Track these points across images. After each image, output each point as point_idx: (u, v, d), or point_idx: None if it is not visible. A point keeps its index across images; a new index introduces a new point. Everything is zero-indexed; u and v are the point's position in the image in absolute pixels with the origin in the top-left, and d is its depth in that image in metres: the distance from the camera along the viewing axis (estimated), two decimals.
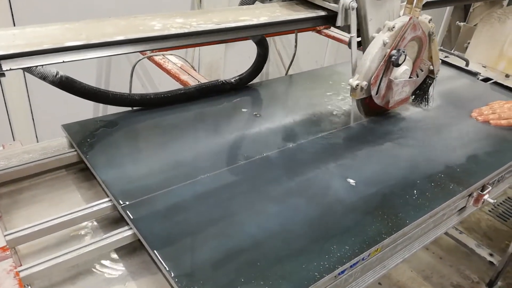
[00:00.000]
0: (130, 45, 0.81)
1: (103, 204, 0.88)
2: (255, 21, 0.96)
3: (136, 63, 1.84)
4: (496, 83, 1.67)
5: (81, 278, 0.79)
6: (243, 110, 1.28)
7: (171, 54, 1.70)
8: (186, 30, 0.87)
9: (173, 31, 0.85)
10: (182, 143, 1.09)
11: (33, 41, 0.71)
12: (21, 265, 0.75)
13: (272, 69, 2.98)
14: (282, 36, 2.83)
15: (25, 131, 2.03)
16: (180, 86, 1.53)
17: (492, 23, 1.91)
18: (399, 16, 1.19)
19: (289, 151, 1.10)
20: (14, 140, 1.99)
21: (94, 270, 0.80)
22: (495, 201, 1.18)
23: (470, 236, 2.35)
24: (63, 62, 0.74)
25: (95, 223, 0.90)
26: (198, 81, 1.50)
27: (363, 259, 0.85)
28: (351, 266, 0.83)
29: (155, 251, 0.76)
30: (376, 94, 1.21)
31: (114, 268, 0.81)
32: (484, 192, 1.15)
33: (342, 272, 0.82)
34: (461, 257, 2.35)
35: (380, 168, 1.08)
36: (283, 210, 0.90)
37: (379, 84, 1.20)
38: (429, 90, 1.37)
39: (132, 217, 0.83)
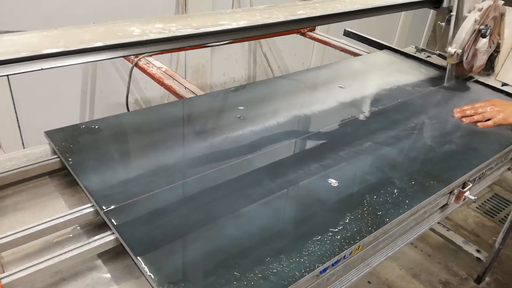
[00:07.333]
0: (108, 51, 0.82)
1: (86, 209, 0.89)
2: (234, 25, 0.97)
3: (132, 68, 1.83)
4: (477, 81, 1.70)
5: (64, 283, 0.79)
6: (230, 111, 1.29)
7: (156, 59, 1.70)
8: (165, 35, 0.87)
9: (151, 36, 0.86)
10: (164, 147, 1.10)
11: (10, 49, 0.72)
12: (3, 272, 0.76)
13: (260, 72, 3.00)
14: (268, 39, 2.84)
15: (11, 138, 2.02)
16: (165, 91, 1.54)
17: None
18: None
19: (270, 153, 1.11)
20: (0, 147, 1.98)
21: (77, 275, 0.81)
22: (476, 197, 1.19)
23: (458, 233, 2.38)
24: (41, 69, 0.74)
25: (78, 228, 0.91)
26: (183, 85, 1.51)
27: (344, 257, 0.86)
28: (332, 265, 0.84)
29: (136, 255, 0.77)
30: (466, 59, 1.57)
31: (97, 273, 0.82)
32: (465, 189, 1.17)
33: (324, 270, 0.83)
34: (449, 254, 2.37)
35: (361, 167, 1.09)
36: (264, 211, 0.91)
37: (468, 52, 1.56)
38: (495, 60, 1.72)
39: (114, 222, 0.83)
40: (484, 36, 1.54)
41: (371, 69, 1.76)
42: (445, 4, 1.56)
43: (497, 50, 1.71)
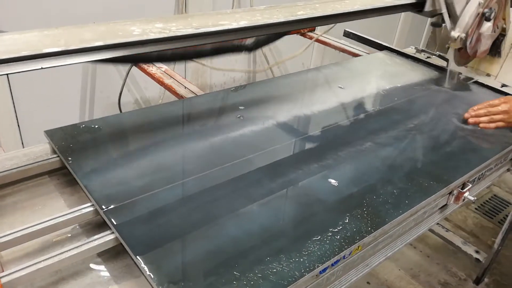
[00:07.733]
0: (109, 50, 0.82)
1: (86, 209, 0.89)
2: (234, 25, 0.97)
3: (129, 70, 1.83)
4: (477, 82, 1.70)
5: (64, 283, 0.79)
6: (230, 111, 1.29)
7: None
8: (165, 35, 0.87)
9: (152, 36, 0.86)
10: (164, 147, 1.10)
11: (11, 48, 0.72)
12: (3, 271, 0.76)
13: (260, 72, 3.00)
14: None
15: (11, 138, 2.02)
16: (164, 90, 1.54)
17: None
18: None
19: (270, 153, 1.11)
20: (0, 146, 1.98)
21: (77, 274, 0.81)
22: (475, 198, 1.19)
23: (457, 234, 2.38)
24: (42, 68, 0.74)
25: (78, 228, 0.91)
26: (183, 85, 1.51)
27: (344, 258, 0.86)
28: (332, 265, 0.84)
29: (136, 255, 0.77)
30: (469, 44, 1.54)
31: (97, 272, 0.82)
32: (464, 190, 1.17)
33: (323, 270, 0.83)
34: (448, 255, 2.37)
35: (361, 167, 1.10)
36: (264, 211, 0.91)
37: (472, 36, 1.53)
38: (501, 44, 1.69)
39: (113, 222, 0.83)
40: (488, 19, 1.51)
41: (370, 70, 1.76)
42: (427, 8, 1.48)
43: (502, 34, 1.67)
